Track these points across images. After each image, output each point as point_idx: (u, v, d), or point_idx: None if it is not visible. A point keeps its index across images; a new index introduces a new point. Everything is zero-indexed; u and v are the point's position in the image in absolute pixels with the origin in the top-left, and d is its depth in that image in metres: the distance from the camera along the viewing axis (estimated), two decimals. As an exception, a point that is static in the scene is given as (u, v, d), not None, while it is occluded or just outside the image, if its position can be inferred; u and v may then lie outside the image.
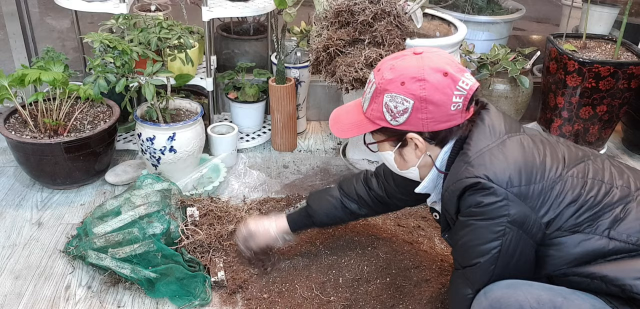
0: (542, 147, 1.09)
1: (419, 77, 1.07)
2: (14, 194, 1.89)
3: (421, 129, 1.10)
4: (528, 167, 1.04)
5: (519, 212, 1.02)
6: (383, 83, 1.11)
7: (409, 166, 1.19)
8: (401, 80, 1.08)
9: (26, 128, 1.85)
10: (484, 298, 1.05)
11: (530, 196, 1.03)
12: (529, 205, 1.03)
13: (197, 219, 1.68)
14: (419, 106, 1.08)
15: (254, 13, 2.11)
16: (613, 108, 2.19)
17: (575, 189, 1.04)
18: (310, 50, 1.78)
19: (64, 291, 1.48)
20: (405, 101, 1.08)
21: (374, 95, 1.13)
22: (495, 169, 1.03)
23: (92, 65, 1.70)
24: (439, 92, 1.06)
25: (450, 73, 1.07)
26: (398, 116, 1.10)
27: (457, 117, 1.09)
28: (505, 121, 1.13)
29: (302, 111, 2.38)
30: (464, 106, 1.08)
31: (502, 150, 1.06)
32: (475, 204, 1.05)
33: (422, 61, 1.09)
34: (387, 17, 1.65)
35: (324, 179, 2.02)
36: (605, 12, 2.79)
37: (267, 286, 1.50)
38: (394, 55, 1.16)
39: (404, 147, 1.16)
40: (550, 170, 1.05)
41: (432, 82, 1.06)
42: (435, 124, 1.09)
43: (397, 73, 1.09)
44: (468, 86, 1.07)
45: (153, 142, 1.80)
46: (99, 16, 1.97)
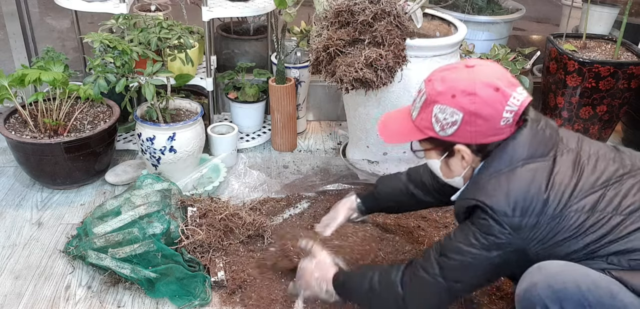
0: (555, 175, 1.07)
1: (470, 91, 1.08)
2: (14, 194, 1.89)
3: (469, 141, 1.12)
4: (527, 199, 1.05)
5: (507, 241, 1.07)
6: (433, 94, 1.12)
7: (454, 176, 1.21)
8: (452, 92, 1.09)
9: (26, 128, 1.85)
10: (538, 272, 1.04)
11: (522, 228, 1.05)
12: (520, 236, 1.06)
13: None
14: (468, 119, 1.08)
15: (254, 13, 2.11)
16: (613, 108, 2.19)
17: (572, 227, 1.04)
18: (310, 50, 1.78)
19: (64, 291, 1.48)
20: (455, 113, 1.09)
21: (424, 105, 1.15)
22: (495, 198, 1.07)
23: (92, 65, 1.70)
24: (489, 107, 1.07)
25: (502, 88, 1.08)
26: (447, 127, 1.11)
27: (505, 131, 1.10)
28: (533, 143, 1.11)
29: (302, 111, 2.38)
30: (513, 121, 1.09)
31: (508, 178, 1.08)
32: (476, 216, 1.11)
33: (474, 74, 1.10)
34: (387, 17, 1.65)
35: (324, 179, 2.02)
36: (605, 12, 2.79)
37: (267, 286, 1.50)
38: (446, 66, 1.17)
39: (450, 157, 1.17)
40: (552, 205, 1.05)
41: (482, 97, 1.07)
42: (483, 138, 1.10)
43: (447, 85, 1.11)
44: (519, 102, 1.08)
45: (153, 142, 1.80)
46: (99, 16, 1.97)
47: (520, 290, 1.05)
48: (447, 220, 1.80)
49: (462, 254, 1.11)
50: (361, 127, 1.93)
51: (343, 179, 2.01)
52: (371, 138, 1.93)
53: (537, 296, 1.01)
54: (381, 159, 1.97)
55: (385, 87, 1.69)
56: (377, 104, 1.82)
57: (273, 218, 1.79)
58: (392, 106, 1.79)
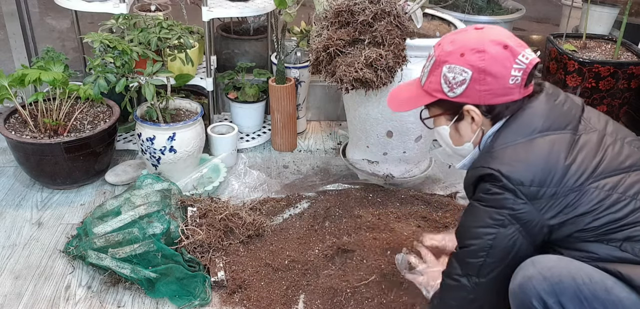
0: (578, 153, 1.05)
1: (479, 48, 1.07)
2: (14, 194, 1.89)
3: (478, 101, 1.10)
4: (546, 170, 1.03)
5: (524, 211, 1.03)
6: (442, 55, 1.12)
7: (464, 141, 1.19)
8: (461, 51, 1.09)
9: (26, 128, 1.85)
10: (532, 266, 1.02)
11: (539, 197, 1.03)
12: (535, 207, 1.03)
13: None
14: (477, 77, 1.08)
15: (254, 13, 2.11)
16: (613, 108, 2.19)
17: (592, 202, 1.02)
18: (310, 50, 1.78)
19: (64, 291, 1.48)
20: (463, 71, 1.08)
21: (433, 67, 1.14)
22: (511, 166, 1.04)
23: (92, 65, 1.70)
24: (498, 64, 1.06)
25: (511, 46, 1.07)
26: (455, 87, 1.10)
27: (515, 91, 1.08)
28: (550, 116, 1.09)
29: (302, 111, 2.38)
30: (522, 80, 1.08)
31: (526, 148, 1.06)
32: (484, 191, 1.08)
33: (483, 34, 1.10)
34: (387, 17, 1.65)
35: (324, 179, 2.02)
36: (605, 12, 2.79)
37: (266, 286, 1.50)
38: (455, 31, 1.17)
39: (459, 121, 1.16)
40: (572, 177, 1.03)
41: (491, 54, 1.07)
42: (492, 97, 1.09)
43: (457, 45, 1.10)
44: (528, 60, 1.07)
45: (153, 142, 1.80)
46: (99, 16, 1.97)
47: (514, 285, 1.04)
48: (447, 220, 1.80)
49: (478, 237, 1.08)
50: (361, 127, 1.93)
51: (343, 179, 2.01)
52: (371, 138, 1.93)
53: (533, 289, 1.00)
54: (381, 159, 1.97)
55: (385, 87, 1.69)
56: (377, 104, 1.82)
57: (273, 218, 1.79)
58: (392, 106, 1.79)
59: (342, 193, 1.93)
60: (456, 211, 1.85)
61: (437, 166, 2.11)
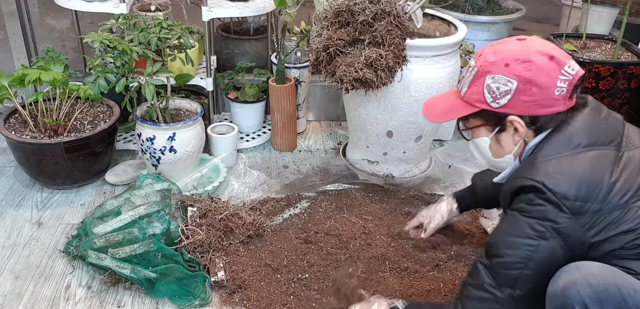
0: (622, 170, 1.03)
1: (524, 58, 1.06)
2: (14, 194, 1.89)
3: (522, 112, 1.08)
4: (591, 185, 1.00)
5: (566, 225, 1.01)
6: (486, 65, 1.10)
7: (505, 153, 1.16)
8: (505, 62, 1.07)
9: (26, 128, 1.85)
10: (576, 270, 0.99)
11: (583, 213, 1.00)
12: (579, 222, 1.01)
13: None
14: (522, 88, 1.06)
15: (254, 13, 2.11)
16: (613, 108, 2.16)
17: (636, 220, 1.00)
18: (310, 50, 1.78)
19: (64, 291, 1.48)
20: (509, 82, 1.07)
21: (475, 78, 1.12)
22: (556, 179, 1.02)
23: (92, 65, 1.70)
24: (544, 75, 1.05)
25: (556, 57, 1.06)
26: (500, 97, 1.09)
27: (560, 103, 1.06)
28: (594, 130, 1.07)
29: (302, 111, 2.38)
30: (568, 91, 1.06)
31: (571, 161, 1.04)
32: (526, 201, 1.05)
33: (527, 45, 1.08)
34: (387, 17, 1.65)
35: (324, 179, 2.02)
36: (605, 12, 2.79)
37: (266, 287, 1.50)
38: (496, 41, 1.14)
39: (501, 132, 1.14)
40: (616, 195, 1.01)
41: (537, 64, 1.05)
42: (537, 108, 1.07)
43: (500, 55, 1.09)
44: (574, 71, 1.05)
45: (153, 142, 1.80)
46: (99, 16, 1.97)
47: (557, 287, 1.00)
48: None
49: (517, 247, 1.04)
50: (361, 127, 1.93)
51: (343, 179, 2.01)
52: (371, 138, 1.93)
53: (577, 295, 0.96)
54: (381, 159, 1.97)
55: (385, 87, 1.69)
56: (377, 104, 1.82)
57: (273, 218, 1.79)
58: (392, 106, 1.79)
59: (342, 193, 1.93)
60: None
61: (437, 166, 2.11)
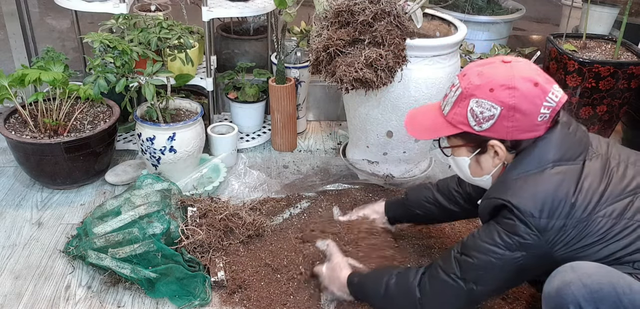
0: (584, 182, 1.06)
1: (509, 85, 1.07)
2: (14, 194, 1.89)
3: (505, 136, 1.10)
4: (555, 201, 1.03)
5: (532, 241, 1.04)
6: (470, 88, 1.11)
7: (484, 174, 1.19)
8: (490, 86, 1.08)
9: (26, 128, 1.85)
10: (572, 270, 1.01)
11: (548, 230, 1.03)
12: (544, 238, 1.04)
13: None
14: (506, 114, 1.07)
15: (254, 13, 2.11)
16: (613, 108, 2.19)
17: (599, 231, 1.03)
18: (310, 50, 1.78)
19: (64, 291, 1.48)
20: (492, 107, 1.08)
21: (459, 99, 1.13)
22: (521, 198, 1.05)
23: (92, 65, 1.70)
24: (528, 102, 1.06)
25: (541, 84, 1.07)
26: (483, 121, 1.10)
27: (541, 128, 1.09)
28: (563, 145, 1.09)
29: (302, 111, 2.38)
30: (550, 117, 1.08)
31: (536, 180, 1.07)
32: (502, 215, 1.10)
33: (512, 70, 1.09)
34: (387, 17, 1.65)
35: (324, 179, 2.02)
36: (605, 12, 2.79)
37: (266, 286, 1.50)
38: (481, 61, 1.15)
39: (482, 154, 1.16)
40: (579, 209, 1.03)
41: (522, 91, 1.06)
42: (519, 133, 1.09)
43: (485, 79, 1.09)
44: (557, 98, 1.07)
45: (153, 142, 1.80)
46: (99, 16, 1.97)
47: (552, 288, 1.02)
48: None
49: (485, 253, 1.09)
50: (361, 127, 1.93)
51: (343, 179, 2.01)
52: (371, 138, 1.93)
53: (571, 295, 0.98)
54: (381, 159, 1.97)
55: (385, 87, 1.69)
56: (377, 104, 1.82)
57: (273, 218, 1.79)
58: (392, 106, 1.79)
59: (342, 193, 1.93)
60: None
61: (437, 166, 2.11)
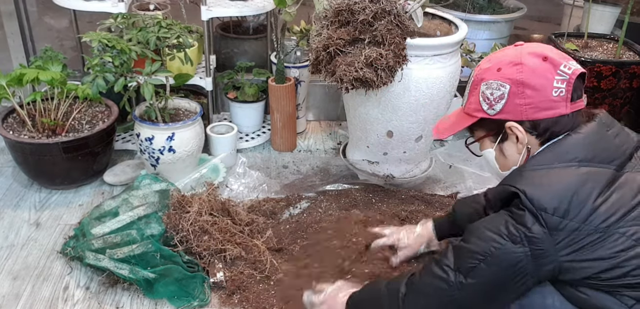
0: (614, 191, 0.97)
1: (516, 61, 1.04)
2: (12, 194, 1.88)
3: (520, 117, 1.05)
4: (574, 202, 0.95)
5: (540, 238, 0.96)
6: (480, 73, 1.10)
7: (511, 164, 1.12)
8: (498, 66, 1.07)
9: (24, 128, 1.84)
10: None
11: (560, 229, 0.95)
12: (553, 238, 0.96)
13: None
14: (515, 91, 1.04)
15: (254, 12, 2.10)
16: (614, 108, 2.18)
17: (614, 248, 0.94)
18: (310, 50, 1.77)
19: (62, 292, 1.47)
20: (501, 86, 1.05)
21: (472, 87, 1.12)
22: (538, 190, 0.98)
23: (90, 64, 1.69)
24: (537, 76, 1.02)
25: (550, 57, 1.03)
26: (494, 103, 1.07)
27: (560, 105, 1.02)
28: (595, 147, 1.01)
29: (301, 110, 2.37)
30: (567, 92, 1.02)
31: (559, 175, 0.99)
32: (512, 205, 1.03)
33: (520, 49, 1.07)
34: (388, 17, 1.64)
35: (324, 179, 2.01)
36: (606, 11, 2.78)
37: (266, 289, 1.49)
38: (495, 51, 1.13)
39: (504, 141, 1.11)
40: (599, 217, 0.95)
41: (529, 66, 1.03)
42: (535, 112, 1.03)
43: (493, 61, 1.08)
44: (570, 70, 1.02)
45: (152, 142, 1.79)
46: (98, 15, 1.96)
47: None
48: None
49: (486, 240, 1.01)
50: (361, 127, 1.92)
51: (343, 180, 2.00)
52: (371, 138, 1.92)
53: None
54: (381, 159, 1.96)
55: (385, 86, 1.68)
56: (377, 104, 1.81)
57: (273, 218, 1.78)
58: (392, 105, 1.78)
59: (342, 193, 1.92)
60: (457, 212, 1.84)
61: (437, 166, 2.10)
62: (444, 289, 1.05)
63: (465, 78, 2.35)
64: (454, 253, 1.07)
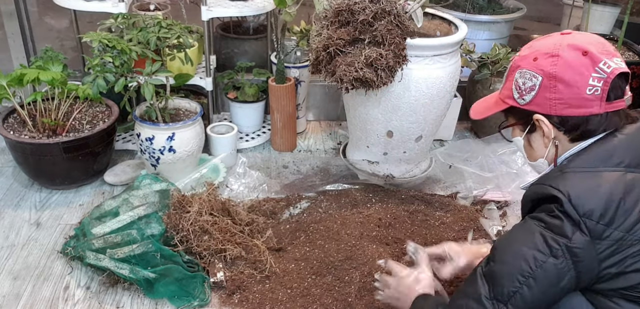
0: None
1: (553, 53, 0.99)
2: (13, 194, 1.88)
3: (549, 111, 1.00)
4: (621, 210, 0.89)
5: (582, 248, 0.90)
6: (517, 60, 1.06)
7: (537, 156, 1.08)
8: (534, 55, 1.02)
9: (25, 128, 1.84)
10: None
11: (603, 238, 0.89)
12: (596, 247, 0.90)
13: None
14: (547, 84, 0.98)
15: (254, 12, 2.10)
16: (614, 108, 2.17)
17: None
18: (310, 50, 1.77)
19: (63, 292, 1.47)
20: (533, 77, 1.00)
21: (509, 73, 1.08)
22: (582, 194, 0.91)
23: (90, 64, 1.69)
24: (572, 71, 0.96)
25: (591, 52, 0.96)
26: (525, 93, 1.02)
27: (593, 104, 0.96)
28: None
29: (301, 110, 2.37)
30: (603, 91, 0.95)
31: (606, 179, 0.92)
32: (547, 211, 0.95)
33: (562, 38, 1.00)
34: (388, 17, 1.64)
35: (324, 179, 2.01)
36: (606, 11, 2.78)
37: (266, 289, 1.49)
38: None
39: (532, 132, 1.07)
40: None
41: (565, 59, 0.97)
42: (565, 108, 0.98)
43: (533, 49, 1.03)
44: (610, 69, 0.95)
45: (152, 142, 1.79)
46: (98, 15, 1.96)
47: None
48: (448, 220, 1.79)
49: (522, 258, 0.92)
50: (361, 127, 1.92)
51: (343, 180, 2.00)
52: (371, 138, 1.92)
53: None
54: (381, 159, 1.96)
55: (385, 86, 1.68)
56: (377, 104, 1.81)
57: (273, 218, 1.78)
58: (392, 105, 1.78)
59: (342, 193, 1.93)
60: (456, 211, 1.84)
61: (437, 166, 2.10)
62: None
63: (465, 78, 2.38)
64: (487, 280, 0.97)
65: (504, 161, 2.07)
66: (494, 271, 0.97)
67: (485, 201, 1.91)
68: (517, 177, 1.99)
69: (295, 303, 1.44)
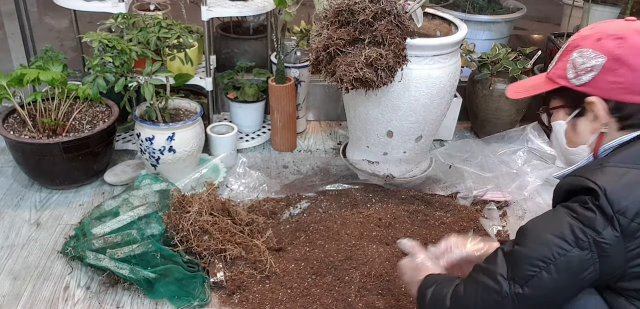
0: None
1: (619, 35, 0.95)
2: (13, 194, 1.88)
3: (605, 95, 0.96)
4: None
5: (611, 244, 0.88)
6: (577, 39, 1.01)
7: (580, 142, 1.04)
8: (598, 36, 0.97)
9: (25, 128, 1.85)
10: None
11: (635, 237, 0.87)
12: (626, 246, 0.88)
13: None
14: (610, 66, 0.94)
15: (254, 12, 2.10)
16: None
17: None
18: (310, 50, 1.77)
19: (63, 292, 1.47)
20: (597, 56, 0.95)
21: (563, 53, 1.03)
22: (620, 191, 0.88)
23: (90, 64, 1.69)
24: (638, 56, 0.93)
25: None
26: (582, 73, 0.97)
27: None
28: None
29: (301, 110, 2.37)
30: None
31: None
32: (580, 202, 0.92)
33: (629, 23, 0.98)
34: (388, 17, 1.64)
35: (324, 179, 2.01)
36: (606, 11, 2.78)
37: (266, 289, 1.49)
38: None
39: (580, 116, 1.02)
40: None
41: (632, 43, 0.94)
42: (624, 93, 0.94)
43: (596, 29, 0.99)
44: None
45: (152, 142, 1.79)
46: (98, 15, 1.96)
47: None
48: (448, 220, 1.79)
49: (545, 244, 0.90)
50: (361, 127, 1.92)
51: (343, 180, 2.00)
52: (371, 138, 1.92)
53: None
54: (381, 159, 1.96)
55: (385, 86, 1.68)
56: (377, 104, 1.81)
57: (273, 218, 1.78)
58: (392, 105, 1.78)
59: (342, 193, 1.93)
60: (456, 211, 1.84)
61: (437, 166, 2.10)
62: (497, 302, 0.94)
63: (465, 78, 2.38)
64: (507, 260, 0.95)
65: (504, 161, 2.07)
66: (516, 252, 0.95)
67: (485, 201, 1.91)
68: (517, 177, 1.98)
69: (295, 303, 1.44)
